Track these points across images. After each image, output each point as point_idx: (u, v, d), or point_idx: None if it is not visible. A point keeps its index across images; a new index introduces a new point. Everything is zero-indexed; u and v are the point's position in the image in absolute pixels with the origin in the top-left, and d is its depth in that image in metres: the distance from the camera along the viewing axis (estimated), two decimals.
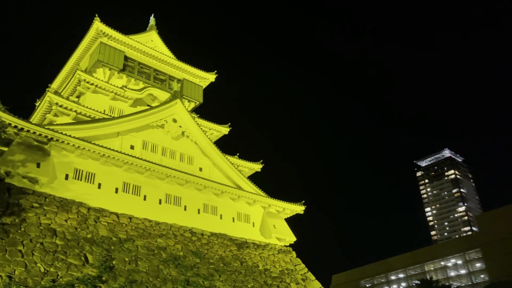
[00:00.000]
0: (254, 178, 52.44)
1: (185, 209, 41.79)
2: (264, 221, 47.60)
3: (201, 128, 47.73)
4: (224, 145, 52.44)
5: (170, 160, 43.81)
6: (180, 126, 45.68)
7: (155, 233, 36.98)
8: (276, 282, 41.23)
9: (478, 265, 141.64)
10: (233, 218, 45.57)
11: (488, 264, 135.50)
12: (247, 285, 37.73)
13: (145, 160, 39.08)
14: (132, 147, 41.50)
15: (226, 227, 44.17)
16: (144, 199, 39.19)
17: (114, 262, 30.53)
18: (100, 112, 42.19)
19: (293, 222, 51.32)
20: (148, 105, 49.27)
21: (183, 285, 32.18)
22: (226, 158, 48.11)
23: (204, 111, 54.41)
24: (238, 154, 52.66)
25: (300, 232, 53.69)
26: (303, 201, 50.59)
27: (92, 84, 44.14)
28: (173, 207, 40.99)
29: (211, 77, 56.31)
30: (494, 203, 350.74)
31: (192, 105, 54.36)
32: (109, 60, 47.36)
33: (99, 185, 36.64)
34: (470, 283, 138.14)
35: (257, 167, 54.16)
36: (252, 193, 46.68)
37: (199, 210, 42.97)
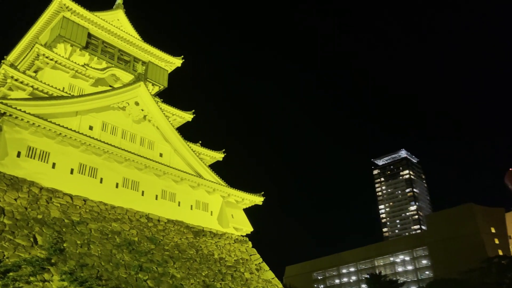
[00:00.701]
0: (215, 167, 52.31)
1: (142, 194, 41.13)
2: (223, 211, 47.67)
3: (164, 113, 46.95)
4: (187, 132, 52.00)
5: (130, 144, 42.89)
6: (142, 110, 44.73)
7: (110, 217, 36.21)
8: (231, 271, 41.50)
9: (424, 262, 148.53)
10: (192, 206, 45.33)
11: (433, 261, 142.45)
12: (201, 273, 37.76)
13: (103, 142, 38.05)
14: (90, 128, 40.26)
15: (184, 214, 43.89)
16: (101, 182, 38.23)
17: (65, 245, 29.68)
18: (59, 89, 40.59)
19: (251, 212, 51.75)
20: (110, 86, 47.86)
21: (136, 270, 31.78)
22: (188, 145, 47.66)
23: (168, 96, 53.64)
24: (200, 142, 52.34)
25: (258, 223, 54.24)
26: (263, 192, 51.05)
27: (51, 59, 42.30)
28: (131, 191, 40.25)
29: (177, 61, 55.34)
30: (443, 204, 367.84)
31: (156, 89, 53.29)
32: (71, 36, 45.48)
33: (54, 165, 35.37)
34: (416, 279, 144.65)
35: (218, 156, 54.02)
36: (212, 181, 46.56)
37: (157, 196, 42.42)
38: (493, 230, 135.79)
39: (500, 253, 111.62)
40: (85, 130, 39.15)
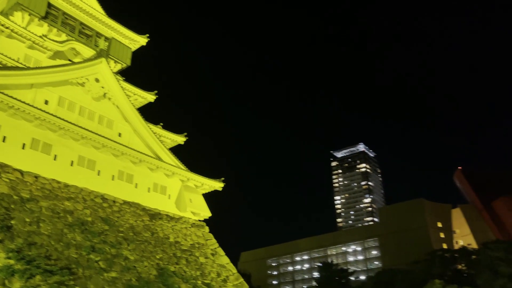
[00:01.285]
0: (176, 150, 51.61)
1: (98, 174, 40.05)
2: (181, 195, 47.28)
3: (126, 92, 45.67)
4: (148, 113, 50.87)
5: (88, 121, 41.49)
6: (103, 87, 43.29)
7: (62, 196, 35.06)
8: (185, 255, 41.41)
9: (374, 252, 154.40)
10: (149, 189, 44.64)
11: (383, 252, 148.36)
12: (155, 255, 37.45)
13: (59, 117, 36.57)
14: (46, 102, 38.55)
15: (141, 196, 43.19)
16: (55, 158, 36.85)
17: (12, 222, 28.49)
18: (14, 59, 38.51)
19: (210, 198, 51.67)
20: (69, 60, 45.92)
21: (87, 251, 31.06)
22: (149, 126, 46.70)
23: (131, 76, 52.11)
24: (161, 124, 51.42)
25: (216, 209, 54.32)
26: (223, 178, 50.99)
27: (7, 27, 39.99)
28: (86, 170, 39.08)
29: (142, 40, 53.77)
30: (395, 198, 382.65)
31: (119, 66, 51.63)
32: (29, 5, 43.08)
33: (4, 139, 33.71)
34: (365, 269, 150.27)
35: (180, 139, 53.33)
36: (171, 165, 45.99)
37: (113, 176, 41.44)
38: (439, 225, 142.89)
39: (445, 246, 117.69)
40: (40, 104, 37.44)
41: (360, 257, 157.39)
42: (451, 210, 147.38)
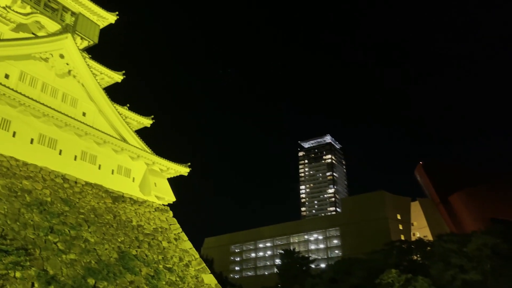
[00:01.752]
0: (142, 133, 50.70)
1: (60, 154, 38.83)
2: (146, 178, 46.64)
3: (92, 71, 44.28)
4: (115, 94, 49.46)
5: (51, 99, 40.02)
6: (68, 64, 41.77)
7: (21, 174, 33.82)
8: (148, 239, 41.04)
9: (335, 241, 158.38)
10: (113, 171, 43.75)
11: (343, 242, 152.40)
12: (117, 238, 36.91)
13: (20, 93, 35.08)
14: (6, 76, 36.86)
15: (104, 178, 42.28)
16: (14, 135, 35.42)
17: None
18: None
19: (175, 182, 51.25)
20: (33, 34, 43.92)
21: (45, 232, 30.22)
22: (115, 107, 45.58)
23: (98, 54, 50.34)
24: (128, 105, 50.27)
25: (181, 193, 53.97)
26: (189, 164, 50.63)
27: None
28: (47, 149, 37.81)
29: (111, 17, 52.05)
30: (358, 190, 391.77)
31: (85, 43, 49.84)
32: None
33: None
34: (326, 257, 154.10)
35: (146, 122, 52.38)
36: (137, 147, 45.19)
37: (76, 156, 40.30)
38: (398, 217, 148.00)
39: (402, 238, 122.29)
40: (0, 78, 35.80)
41: (322, 246, 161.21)
42: (410, 203, 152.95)
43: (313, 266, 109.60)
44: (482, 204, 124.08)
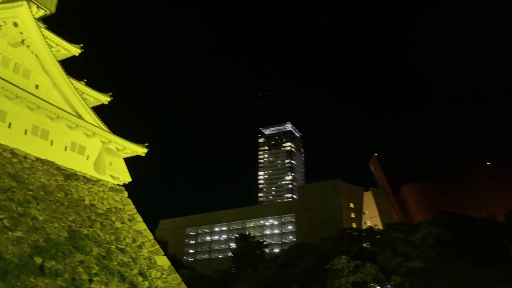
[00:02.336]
0: (100, 110, 49.01)
1: (9, 127, 36.93)
2: (101, 156, 45.33)
3: (47, 42, 42.15)
4: (72, 68, 47.37)
5: (1, 68, 37.81)
6: (21, 33, 39.50)
7: None
8: (101, 219, 40.12)
9: (290, 227, 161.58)
10: (66, 147, 42.18)
11: (298, 228, 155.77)
12: (67, 217, 35.82)
13: None
14: None
15: (56, 155, 40.70)
16: None
17: None
18: None
19: (132, 162, 50.18)
20: None
21: None
22: (71, 81, 43.74)
23: (55, 26, 47.84)
24: (85, 80, 48.36)
25: (137, 174, 52.96)
26: (147, 144, 49.62)
27: None
28: None
29: None
30: (315, 178, 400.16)
31: (41, 13, 47.14)
32: None
33: None
34: (280, 242, 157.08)
35: (104, 99, 50.65)
36: (93, 124, 43.71)
37: (26, 131, 38.47)
38: (351, 205, 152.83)
39: (354, 226, 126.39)
40: None
41: (277, 231, 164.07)
42: (363, 193, 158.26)
43: (267, 250, 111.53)
44: (430, 196, 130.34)
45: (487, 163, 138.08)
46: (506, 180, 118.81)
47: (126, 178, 47.58)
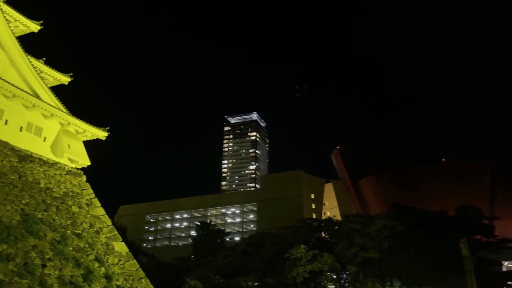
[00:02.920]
0: (59, 91, 47.26)
1: None
2: (59, 139, 43.86)
3: (5, 16, 40.07)
4: (31, 45, 45.28)
5: None
6: None
7: None
8: (57, 203, 38.97)
9: (251, 216, 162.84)
10: (22, 128, 40.50)
11: (259, 217, 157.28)
12: (21, 200, 34.56)
13: None
14: None
15: (11, 135, 39.02)
16: None
17: None
18: None
19: (92, 146, 48.90)
20: None
21: None
22: (29, 59, 41.90)
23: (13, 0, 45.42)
24: (44, 59, 46.43)
25: (97, 158, 51.67)
26: (108, 128, 48.43)
27: None
28: None
29: None
30: (278, 168, 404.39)
31: None
32: None
33: None
34: (241, 231, 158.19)
35: (64, 79, 48.89)
36: (51, 105, 42.15)
37: None
38: (312, 196, 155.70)
39: (314, 216, 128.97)
40: None
41: (238, 220, 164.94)
42: (324, 184, 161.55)
43: (228, 239, 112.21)
44: (387, 189, 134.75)
45: (443, 159, 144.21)
46: (459, 176, 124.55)
47: (85, 161, 46.36)
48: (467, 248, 54.29)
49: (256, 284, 70.75)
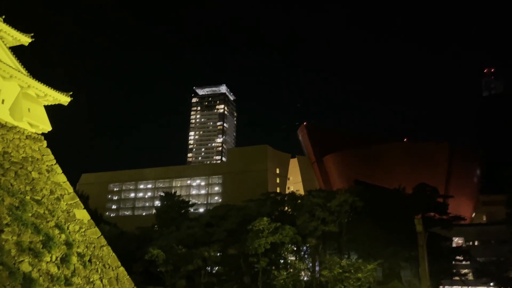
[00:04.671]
0: (20, 52, 44.99)
1: None
2: (18, 102, 42.11)
3: None
4: None
5: None
6: None
7: None
8: (15, 168, 37.80)
9: (216, 189, 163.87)
10: None
11: (224, 189, 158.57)
12: None
13: None
14: None
15: None
16: None
17: None
18: None
19: (54, 111, 47.27)
20: None
21: None
22: None
23: None
24: (3, 16, 43.92)
25: (59, 124, 50.16)
26: (71, 93, 46.84)
27: None
28: None
29: None
30: (245, 142, 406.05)
31: None
32: None
33: None
34: (206, 203, 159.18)
35: (24, 39, 46.43)
36: (9, 65, 40.21)
37: None
38: (277, 171, 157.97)
39: (278, 190, 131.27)
40: None
41: (203, 192, 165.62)
42: (289, 159, 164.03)
43: (192, 210, 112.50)
44: (349, 166, 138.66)
45: (405, 139, 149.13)
46: (418, 155, 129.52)
47: (46, 127, 44.89)
48: (421, 224, 56.88)
49: (218, 254, 71.85)
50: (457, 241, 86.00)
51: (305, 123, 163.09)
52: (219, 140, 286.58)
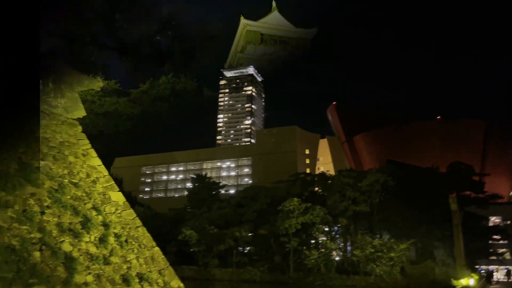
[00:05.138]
0: None
1: None
2: (54, 88, 43.46)
3: None
4: None
5: None
6: None
7: None
8: (53, 152, 39.21)
9: (246, 170, 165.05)
10: None
11: (254, 171, 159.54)
12: (17, 149, 34.76)
13: None
14: None
15: None
16: None
17: None
18: None
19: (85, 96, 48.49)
20: None
21: None
22: None
23: None
24: None
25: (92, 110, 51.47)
26: (103, 77, 47.80)
27: None
28: None
29: None
30: (274, 123, 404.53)
31: None
32: None
33: None
34: (236, 184, 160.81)
35: None
36: None
37: None
38: (307, 152, 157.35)
39: (308, 171, 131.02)
40: None
41: (233, 173, 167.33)
42: (319, 140, 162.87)
43: (222, 191, 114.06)
44: (380, 146, 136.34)
45: (438, 117, 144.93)
46: (451, 133, 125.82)
47: (81, 112, 46.15)
48: (456, 202, 55.75)
49: (249, 234, 72.91)
50: (494, 220, 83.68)
51: (334, 103, 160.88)
52: (248, 122, 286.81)
